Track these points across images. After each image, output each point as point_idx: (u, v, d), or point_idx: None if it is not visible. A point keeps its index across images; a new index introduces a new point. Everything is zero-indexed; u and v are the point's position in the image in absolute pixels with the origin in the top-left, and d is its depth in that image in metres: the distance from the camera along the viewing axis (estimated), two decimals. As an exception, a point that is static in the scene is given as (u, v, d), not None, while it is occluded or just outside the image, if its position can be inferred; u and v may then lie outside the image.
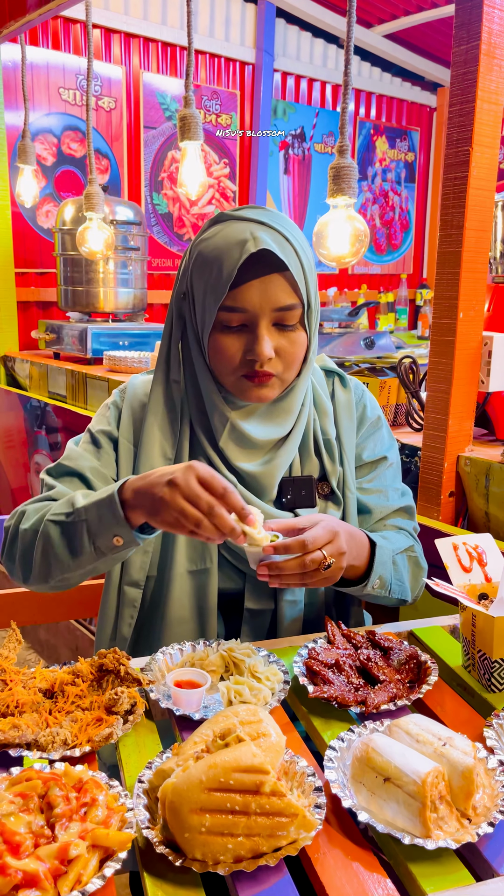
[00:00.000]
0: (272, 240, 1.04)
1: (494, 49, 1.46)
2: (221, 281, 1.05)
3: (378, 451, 1.29)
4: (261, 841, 0.69)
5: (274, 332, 1.09)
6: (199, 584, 1.18)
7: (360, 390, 1.31)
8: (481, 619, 0.99)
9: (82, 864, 0.66)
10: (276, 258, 1.04)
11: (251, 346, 1.08)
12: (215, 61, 4.49)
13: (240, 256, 1.03)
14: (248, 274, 1.05)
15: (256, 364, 1.08)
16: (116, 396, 1.26)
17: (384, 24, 4.78)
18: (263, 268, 1.05)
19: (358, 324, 3.86)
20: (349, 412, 1.27)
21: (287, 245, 1.06)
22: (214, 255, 1.06)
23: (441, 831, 0.73)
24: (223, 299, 1.06)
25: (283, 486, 1.19)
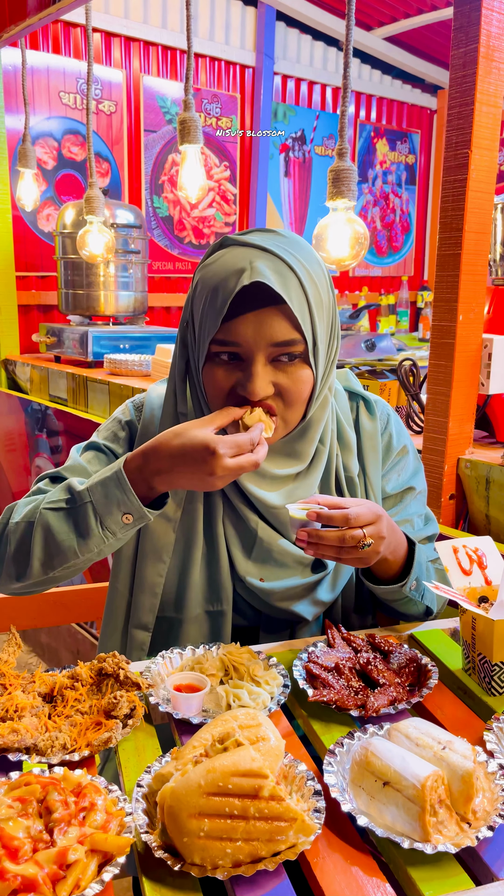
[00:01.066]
0: (272, 269, 0.97)
1: (493, 52, 1.47)
2: (214, 312, 0.98)
3: (403, 481, 1.24)
4: (260, 845, 0.69)
5: (270, 368, 1.01)
6: (213, 626, 1.15)
7: (385, 416, 1.23)
8: (481, 623, 0.99)
9: (81, 868, 0.66)
10: (273, 291, 0.97)
11: (244, 382, 1.00)
12: (215, 64, 4.50)
13: (234, 288, 0.96)
14: (243, 306, 0.97)
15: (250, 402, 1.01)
16: (132, 413, 1.19)
17: (384, 27, 4.79)
18: (258, 301, 0.97)
19: (359, 326, 3.86)
20: (374, 444, 1.20)
21: (290, 275, 0.98)
22: (212, 283, 0.99)
23: (440, 835, 0.73)
24: (216, 332, 0.99)
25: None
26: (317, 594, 1.16)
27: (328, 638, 1.10)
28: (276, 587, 1.13)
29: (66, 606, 2.01)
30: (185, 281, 4.61)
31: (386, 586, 1.12)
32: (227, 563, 1.13)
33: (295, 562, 1.14)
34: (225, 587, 1.14)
